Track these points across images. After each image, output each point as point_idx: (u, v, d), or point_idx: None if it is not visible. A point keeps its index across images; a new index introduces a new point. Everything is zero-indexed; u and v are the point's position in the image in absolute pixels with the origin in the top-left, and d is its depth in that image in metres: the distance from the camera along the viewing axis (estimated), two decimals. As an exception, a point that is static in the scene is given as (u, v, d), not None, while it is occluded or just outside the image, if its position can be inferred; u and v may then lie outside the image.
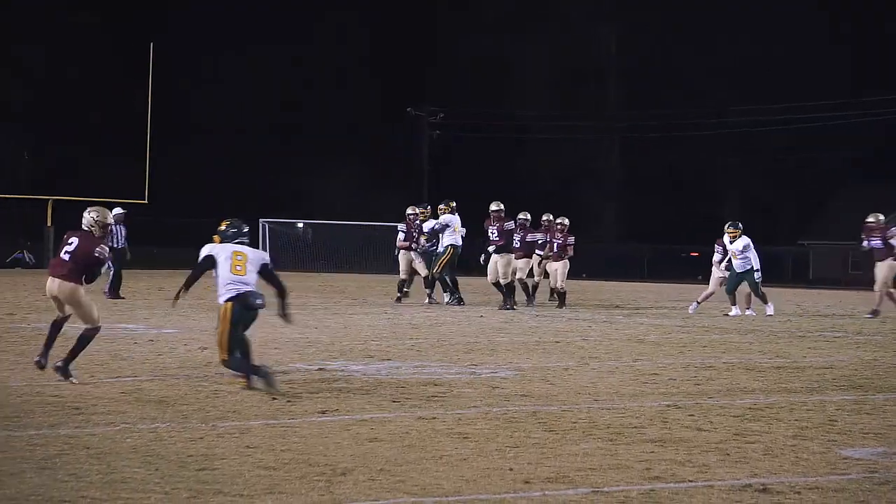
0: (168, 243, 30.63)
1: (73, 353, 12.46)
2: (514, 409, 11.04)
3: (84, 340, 12.54)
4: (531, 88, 66.73)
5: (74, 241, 12.69)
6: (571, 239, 26.93)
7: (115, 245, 27.05)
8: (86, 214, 12.87)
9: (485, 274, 26.64)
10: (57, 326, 12.78)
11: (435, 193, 61.30)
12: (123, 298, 26.35)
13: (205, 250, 12.54)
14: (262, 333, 18.27)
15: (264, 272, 12.53)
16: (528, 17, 67.38)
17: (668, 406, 11.43)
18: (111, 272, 26.87)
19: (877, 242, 25.29)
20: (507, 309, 25.02)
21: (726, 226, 25.36)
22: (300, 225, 54.66)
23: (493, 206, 25.81)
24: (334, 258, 47.87)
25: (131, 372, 13.31)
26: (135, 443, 9.03)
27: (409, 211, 27.66)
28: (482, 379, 13.25)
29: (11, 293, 28.06)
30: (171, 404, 10.98)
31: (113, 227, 27.19)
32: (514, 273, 25.97)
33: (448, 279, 26.37)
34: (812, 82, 62.21)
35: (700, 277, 26.40)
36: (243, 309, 12.30)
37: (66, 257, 12.57)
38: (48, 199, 47.84)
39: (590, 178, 65.18)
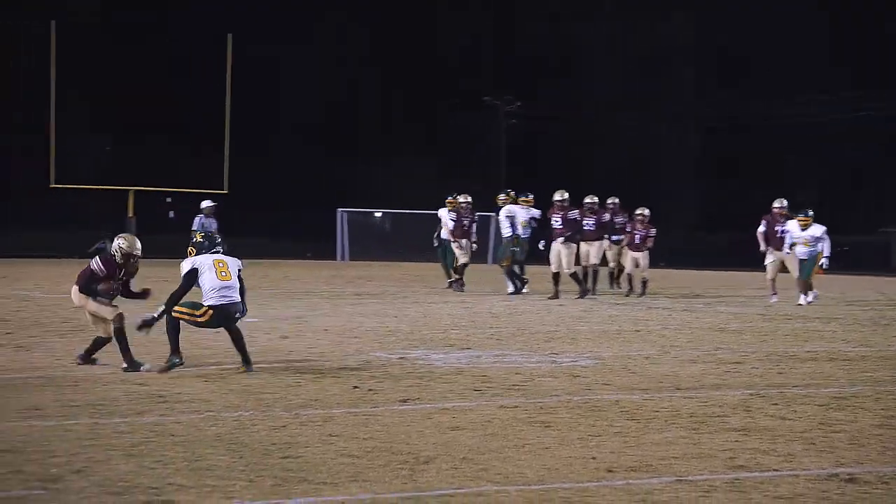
0: (246, 233, 30.90)
1: (124, 352, 12.61)
2: (595, 398, 11.00)
3: (118, 334, 12.67)
4: (605, 75, 66.31)
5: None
6: (653, 231, 26.79)
7: None
8: (115, 239, 13.03)
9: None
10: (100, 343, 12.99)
11: (512, 181, 61.33)
12: None
13: (186, 265, 12.75)
14: (342, 323, 18.39)
15: (239, 276, 12.90)
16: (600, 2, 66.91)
17: (752, 395, 11.34)
18: None
19: None
20: (583, 297, 24.88)
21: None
22: (378, 214, 54.82)
23: (557, 196, 25.52)
24: (412, 247, 47.93)
25: (214, 360, 13.42)
26: (219, 430, 9.11)
27: (460, 199, 27.52)
28: (563, 368, 13.22)
29: (94, 283, 28.36)
30: (254, 393, 11.05)
31: (203, 219, 27.16)
32: (586, 258, 26.01)
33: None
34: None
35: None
36: (222, 318, 12.62)
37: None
38: (129, 190, 48.31)
39: (666, 166, 64.69)
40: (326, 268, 40.37)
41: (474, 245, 27.38)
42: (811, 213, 24.46)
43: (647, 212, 26.82)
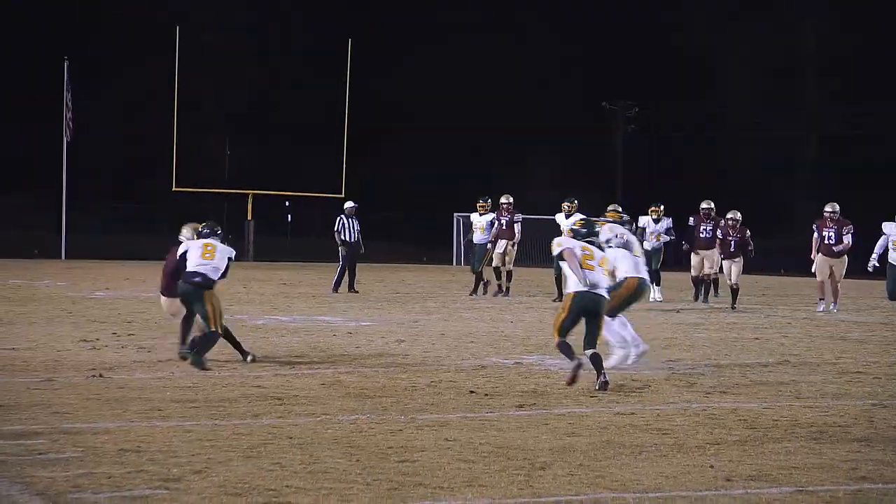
0: (366, 237, 31.11)
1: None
2: (713, 406, 10.89)
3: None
4: (727, 84, 65.43)
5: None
6: (747, 233, 25.46)
7: (349, 239, 26.91)
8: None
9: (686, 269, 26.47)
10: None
11: (629, 190, 60.84)
12: (357, 293, 26.32)
13: (181, 248, 13.77)
14: (457, 327, 18.40)
15: (228, 263, 13.72)
16: (729, 10, 65.84)
17: (874, 405, 11.14)
18: (339, 267, 26.88)
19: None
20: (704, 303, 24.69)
21: None
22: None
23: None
24: (527, 253, 47.87)
25: (330, 364, 13.52)
26: (335, 434, 9.17)
27: (502, 200, 27.26)
28: (680, 375, 13.10)
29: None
30: (370, 396, 11.11)
31: (345, 220, 27.59)
32: (700, 267, 25.46)
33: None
34: None
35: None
36: (182, 291, 13.38)
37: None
38: (248, 194, 48.94)
39: (786, 176, 63.66)
40: (442, 272, 40.48)
41: (513, 247, 26.92)
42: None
43: (738, 215, 24.78)
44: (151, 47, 54.55)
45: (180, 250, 13.61)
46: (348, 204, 27.84)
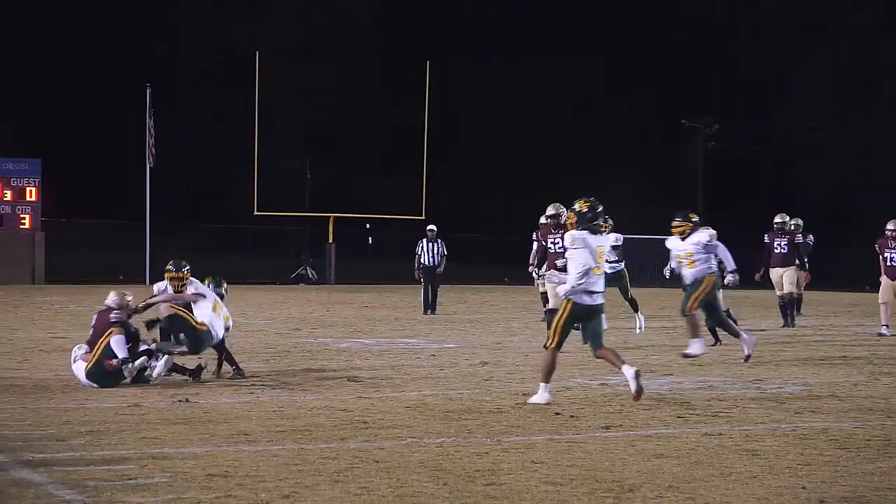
0: (447, 258, 31.09)
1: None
2: (803, 426, 10.73)
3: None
4: (805, 97, 64.84)
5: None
6: (798, 237, 24.52)
7: (427, 262, 27.89)
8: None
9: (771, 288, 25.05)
10: None
11: (708, 206, 60.38)
12: (434, 314, 26.90)
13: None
14: (541, 348, 18.26)
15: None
16: (801, 26, 65.32)
17: (968, 424, 10.94)
18: (422, 289, 27.74)
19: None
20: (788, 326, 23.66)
21: None
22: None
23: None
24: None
25: (415, 386, 13.51)
26: (422, 457, 9.14)
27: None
28: (768, 394, 12.93)
29: (297, 308, 28.92)
30: (456, 419, 11.07)
31: (424, 243, 28.53)
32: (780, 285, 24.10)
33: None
34: None
35: None
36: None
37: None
38: (329, 217, 49.15)
39: (868, 189, 62.84)
40: (524, 293, 40.34)
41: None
42: None
43: (786, 218, 23.70)
44: (233, 72, 55.18)
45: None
46: (430, 227, 28.46)
